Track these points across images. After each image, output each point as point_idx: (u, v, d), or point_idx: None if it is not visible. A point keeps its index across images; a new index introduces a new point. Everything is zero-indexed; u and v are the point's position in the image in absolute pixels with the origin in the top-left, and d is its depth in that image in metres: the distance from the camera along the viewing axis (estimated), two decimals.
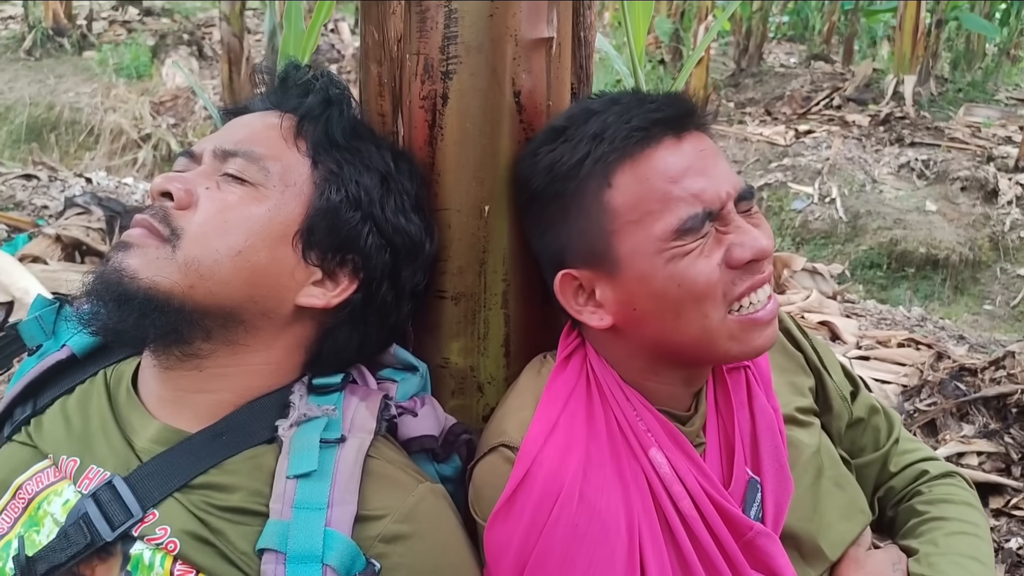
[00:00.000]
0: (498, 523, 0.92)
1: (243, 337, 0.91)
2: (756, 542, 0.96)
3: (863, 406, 1.17)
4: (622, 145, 0.91)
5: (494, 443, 0.96)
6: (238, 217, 0.89)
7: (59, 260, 3.81)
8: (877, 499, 1.19)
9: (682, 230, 0.90)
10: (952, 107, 7.78)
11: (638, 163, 0.91)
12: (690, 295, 0.91)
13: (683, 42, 8.74)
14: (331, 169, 0.94)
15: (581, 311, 0.98)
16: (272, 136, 0.95)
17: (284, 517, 0.83)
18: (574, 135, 0.95)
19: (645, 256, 0.92)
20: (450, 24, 0.99)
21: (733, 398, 1.03)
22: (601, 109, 0.95)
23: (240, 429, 0.90)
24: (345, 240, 0.94)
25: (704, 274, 0.90)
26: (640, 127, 0.92)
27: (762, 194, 6.41)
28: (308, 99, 0.97)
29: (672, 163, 0.91)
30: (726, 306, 0.92)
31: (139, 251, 0.87)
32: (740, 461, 1.00)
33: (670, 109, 0.94)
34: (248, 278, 0.89)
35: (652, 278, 0.92)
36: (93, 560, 0.83)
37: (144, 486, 0.86)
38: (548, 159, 0.96)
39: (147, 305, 0.85)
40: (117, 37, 9.53)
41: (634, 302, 0.94)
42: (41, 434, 0.94)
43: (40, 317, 1.04)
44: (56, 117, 8.04)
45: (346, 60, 9.13)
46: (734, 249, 0.91)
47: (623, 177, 0.92)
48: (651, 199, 0.91)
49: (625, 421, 0.97)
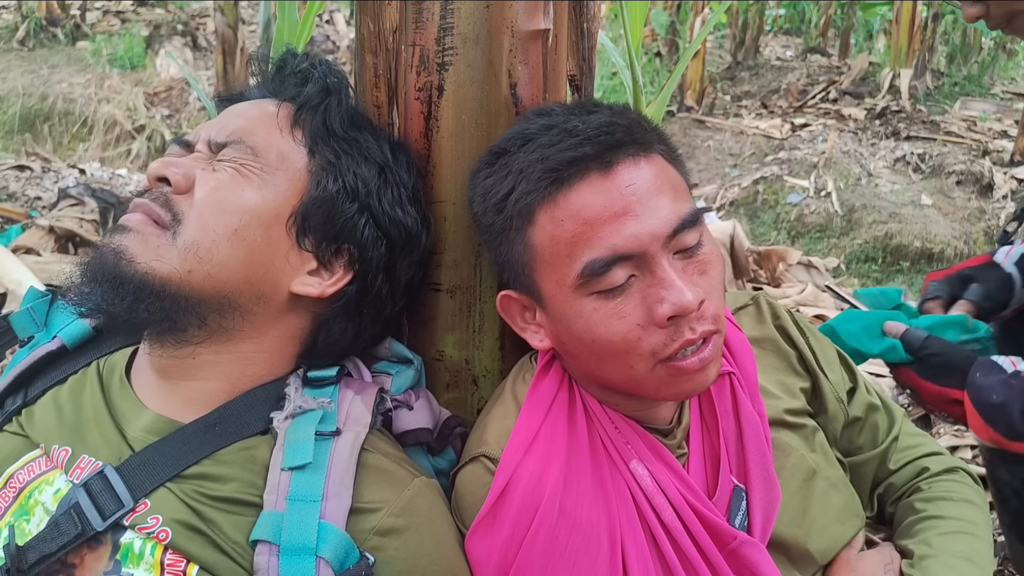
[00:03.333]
0: (479, 535, 0.91)
1: (238, 323, 0.91)
2: (740, 551, 0.95)
3: (861, 404, 1.14)
4: (538, 186, 0.87)
5: (475, 453, 0.95)
6: (233, 196, 0.89)
7: (52, 251, 3.80)
8: (877, 496, 1.17)
9: (586, 274, 0.85)
10: (948, 101, 7.79)
11: (556, 204, 0.87)
12: (607, 350, 0.88)
13: (679, 35, 8.72)
14: (328, 159, 0.94)
15: (525, 329, 0.97)
16: (268, 125, 0.94)
17: (278, 509, 0.83)
18: (506, 164, 0.92)
19: (560, 299, 0.89)
20: (446, 15, 0.98)
21: (718, 406, 1.01)
22: (535, 135, 0.90)
23: (234, 420, 0.90)
24: (341, 230, 0.93)
25: (619, 335, 0.86)
26: (554, 168, 0.87)
27: (758, 187, 6.42)
28: (306, 88, 0.97)
29: (588, 203, 0.85)
30: (655, 361, 0.87)
31: (138, 236, 0.87)
32: (725, 470, 0.99)
33: (597, 142, 0.87)
34: (244, 258, 0.89)
35: (568, 323, 0.90)
36: (83, 549, 0.83)
37: (136, 476, 0.85)
38: (483, 186, 0.94)
39: (142, 290, 0.85)
40: (111, 27, 9.48)
41: (561, 337, 0.93)
42: (32, 424, 0.94)
43: (32, 309, 1.03)
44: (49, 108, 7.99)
45: (341, 51, 9.10)
46: (655, 306, 0.85)
47: (543, 216, 0.88)
48: (562, 241, 0.87)
49: (605, 433, 0.96)
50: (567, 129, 0.89)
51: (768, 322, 1.12)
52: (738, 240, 3.81)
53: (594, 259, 0.85)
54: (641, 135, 0.90)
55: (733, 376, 1.02)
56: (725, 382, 1.02)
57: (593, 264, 0.85)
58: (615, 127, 0.89)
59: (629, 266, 0.86)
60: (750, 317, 1.13)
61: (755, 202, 6.35)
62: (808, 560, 1.03)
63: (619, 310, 0.86)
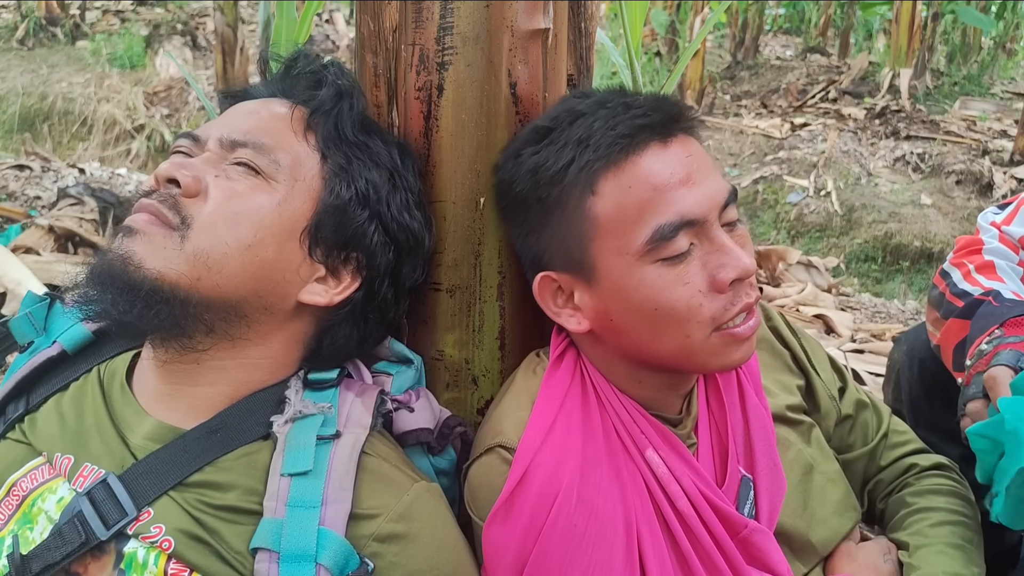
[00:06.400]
0: (496, 524, 0.91)
1: (244, 331, 0.90)
2: (751, 539, 0.97)
3: (851, 402, 1.18)
4: (607, 152, 0.89)
5: (491, 443, 0.95)
6: (248, 208, 0.87)
7: (52, 251, 3.79)
8: (867, 492, 1.20)
9: (655, 239, 0.87)
10: (948, 101, 7.79)
11: (623, 170, 0.89)
12: (669, 318, 0.90)
13: (679, 34, 8.71)
14: (340, 164, 0.93)
15: (559, 313, 0.97)
16: (280, 127, 0.93)
17: (278, 515, 0.82)
18: (559, 138, 0.92)
19: (621, 268, 0.90)
20: (446, 14, 0.98)
21: (725, 398, 1.03)
22: (587, 111, 0.92)
23: (235, 425, 0.89)
24: (351, 238, 0.93)
25: (683, 301, 0.88)
26: (626, 134, 0.89)
27: (758, 187, 6.42)
28: (321, 92, 0.95)
29: (657, 170, 0.89)
30: (713, 327, 0.90)
31: (145, 239, 0.84)
32: (733, 460, 1.00)
33: (657, 114, 0.91)
34: (255, 272, 0.87)
35: (629, 293, 0.90)
36: (87, 558, 0.83)
37: (139, 484, 0.85)
38: (532, 162, 0.94)
39: (152, 296, 0.83)
40: (110, 27, 9.47)
41: (610, 313, 0.93)
42: (35, 431, 0.93)
43: (30, 314, 1.02)
44: (49, 107, 7.99)
45: (341, 51, 9.10)
46: (718, 272, 0.88)
47: (607, 184, 0.89)
48: (631, 208, 0.88)
49: (620, 422, 0.97)
50: (624, 103, 0.92)
51: (761, 324, 1.13)
52: None
53: (663, 224, 0.87)
54: (689, 114, 0.95)
55: (739, 370, 1.04)
56: (731, 375, 1.04)
57: (663, 229, 0.87)
58: (669, 103, 0.94)
59: (691, 234, 0.89)
60: None
61: (755, 202, 6.36)
62: (810, 551, 1.05)
63: (683, 276, 0.89)
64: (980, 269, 1.36)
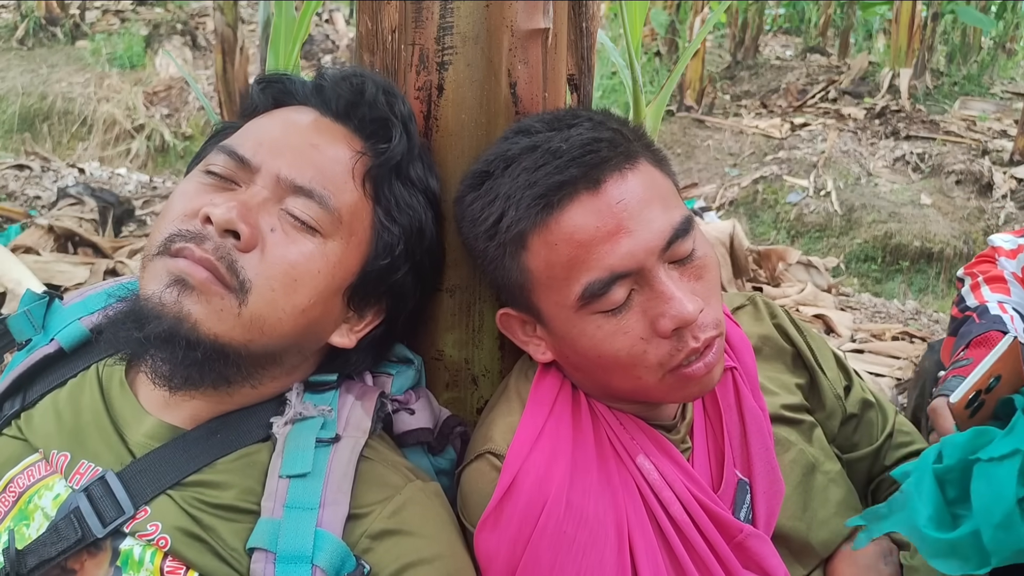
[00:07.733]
0: (486, 532, 0.91)
1: (273, 371, 0.91)
2: (747, 543, 0.96)
3: (856, 401, 1.16)
4: (527, 213, 0.86)
5: (480, 450, 0.95)
6: (306, 273, 0.86)
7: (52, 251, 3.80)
8: (870, 491, 1.19)
9: (586, 296, 0.86)
10: (948, 101, 7.79)
11: (548, 228, 0.86)
12: (614, 364, 0.89)
13: (679, 34, 8.71)
14: (388, 210, 0.92)
15: (527, 343, 0.98)
16: (339, 172, 0.89)
17: (275, 516, 0.82)
18: (491, 189, 0.90)
19: (562, 319, 0.90)
20: (446, 14, 0.98)
21: (721, 401, 1.02)
22: (517, 156, 0.89)
23: (235, 427, 0.90)
24: (389, 288, 0.95)
25: (625, 350, 0.87)
26: (542, 195, 0.86)
27: (757, 187, 6.42)
28: (392, 143, 0.91)
29: (580, 226, 0.85)
30: (664, 370, 0.88)
31: (202, 298, 0.82)
32: (729, 464, 1.00)
33: (583, 162, 0.86)
34: (303, 329, 0.89)
35: (573, 340, 0.90)
36: (83, 555, 0.83)
37: (137, 482, 0.85)
38: (470, 212, 0.93)
39: (210, 356, 0.83)
40: (110, 26, 9.47)
41: (565, 352, 0.94)
42: (32, 428, 0.93)
43: (29, 312, 1.02)
44: (49, 107, 7.99)
45: (341, 51, 9.10)
46: (657, 320, 0.86)
47: (535, 241, 0.88)
48: (558, 266, 0.87)
49: (611, 429, 0.97)
50: (550, 150, 0.87)
51: (766, 320, 1.13)
52: (738, 240, 3.81)
53: (592, 281, 0.85)
54: (625, 146, 0.89)
55: (735, 371, 1.03)
56: (728, 377, 1.03)
57: (592, 286, 0.85)
58: (598, 143, 0.87)
59: (628, 283, 0.86)
60: (748, 316, 1.14)
61: (755, 201, 6.36)
62: (809, 553, 1.05)
63: (622, 326, 0.87)
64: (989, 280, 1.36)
